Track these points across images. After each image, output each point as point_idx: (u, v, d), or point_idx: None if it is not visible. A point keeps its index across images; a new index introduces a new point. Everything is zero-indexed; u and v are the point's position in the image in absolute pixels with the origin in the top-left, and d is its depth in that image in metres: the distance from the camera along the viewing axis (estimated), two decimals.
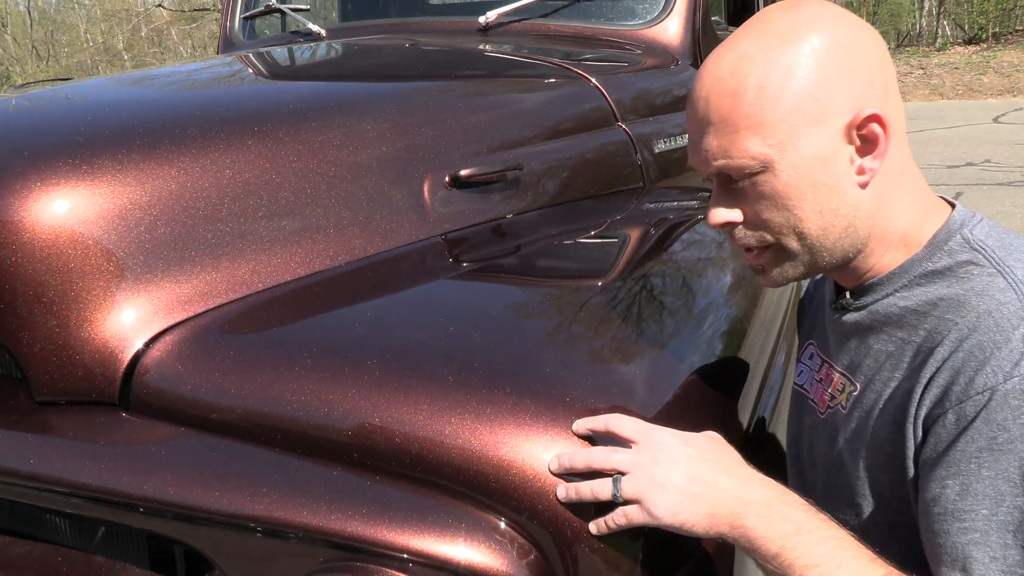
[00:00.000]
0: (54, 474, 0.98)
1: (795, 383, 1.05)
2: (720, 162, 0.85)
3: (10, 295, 1.01)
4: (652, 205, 1.71)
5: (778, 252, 0.89)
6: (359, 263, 1.22)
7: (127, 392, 1.03)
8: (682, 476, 0.80)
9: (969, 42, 14.27)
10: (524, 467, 0.86)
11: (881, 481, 0.86)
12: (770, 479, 0.81)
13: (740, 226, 0.90)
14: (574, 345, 1.09)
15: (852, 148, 0.84)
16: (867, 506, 0.88)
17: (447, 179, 1.36)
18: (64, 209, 1.05)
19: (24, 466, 0.98)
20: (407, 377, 0.94)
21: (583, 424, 0.87)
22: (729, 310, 1.41)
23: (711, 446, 0.84)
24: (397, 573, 0.86)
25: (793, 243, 0.87)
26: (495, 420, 0.89)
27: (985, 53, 13.73)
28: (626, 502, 0.81)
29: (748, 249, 0.92)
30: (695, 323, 1.29)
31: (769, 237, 0.88)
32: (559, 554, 0.86)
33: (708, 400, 1.09)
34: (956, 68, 13.13)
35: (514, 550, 0.85)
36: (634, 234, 1.59)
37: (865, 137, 0.83)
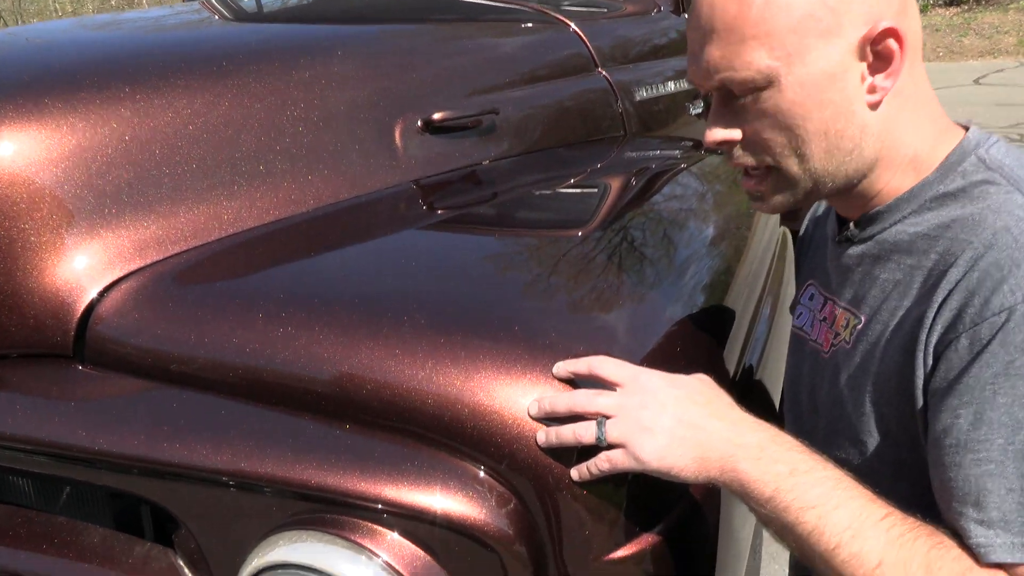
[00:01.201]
0: (6, 430, 0.92)
1: (794, 326, 1.00)
2: (722, 75, 0.79)
3: None
4: (633, 154, 1.66)
5: (778, 175, 0.84)
6: (327, 210, 1.16)
7: (81, 344, 0.97)
8: (670, 419, 0.76)
9: (950, 4, 14.22)
10: (502, 413, 0.82)
11: (887, 416, 0.82)
12: (762, 421, 0.77)
13: (738, 145, 0.84)
14: (553, 294, 1.04)
15: (864, 65, 0.78)
16: (872, 444, 0.84)
17: (420, 123, 1.30)
18: (10, 151, 0.98)
19: None
20: (377, 322, 0.89)
21: (565, 367, 0.82)
22: (712, 262, 1.36)
23: (700, 388, 0.80)
24: (370, 524, 0.82)
25: (794, 166, 0.82)
26: (471, 364, 0.84)
27: (966, 15, 13.69)
28: (610, 447, 0.77)
29: (746, 172, 0.87)
30: (677, 274, 1.24)
31: (769, 159, 0.83)
32: (540, 502, 0.82)
33: (693, 347, 1.05)
34: (937, 31, 13.09)
35: (493, 499, 0.81)
36: (615, 183, 1.54)
37: (879, 53, 0.77)
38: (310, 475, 0.82)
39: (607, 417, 0.77)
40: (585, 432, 0.77)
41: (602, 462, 0.77)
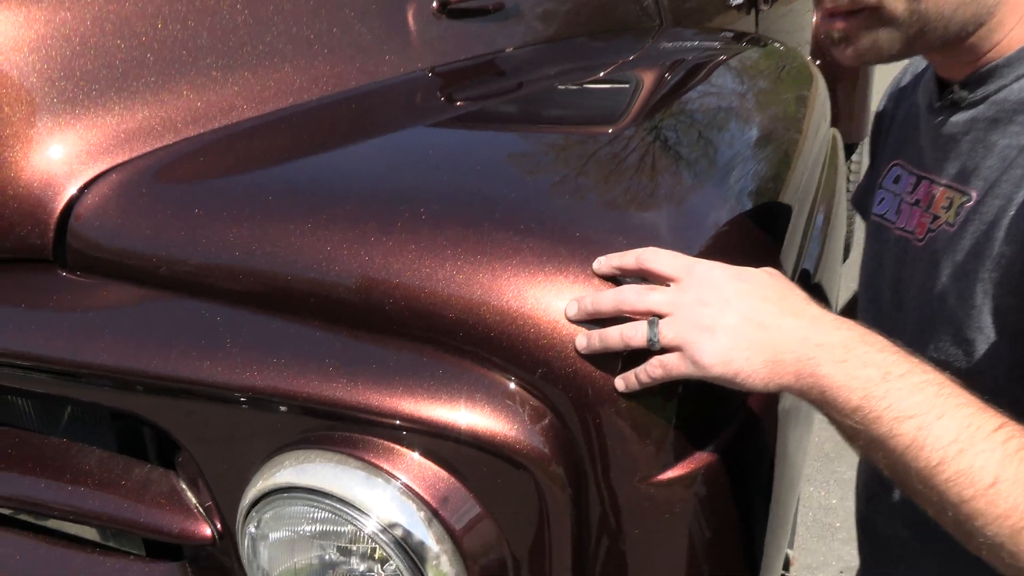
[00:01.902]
0: None
1: (874, 215, 0.87)
2: None
3: None
4: (668, 45, 1.51)
5: (874, 16, 0.70)
6: (331, 99, 1.04)
7: (62, 247, 0.87)
8: (735, 316, 0.64)
9: None
10: (535, 315, 0.71)
11: (1006, 308, 0.70)
12: (845, 319, 0.65)
13: None
14: (585, 193, 0.92)
15: None
16: (982, 342, 0.72)
17: (434, 5, 1.16)
18: None
19: None
20: (390, 217, 0.78)
21: (607, 261, 0.71)
22: (757, 166, 1.23)
23: (769, 281, 0.68)
24: (387, 442, 0.72)
25: (899, 5, 0.68)
26: (497, 261, 0.73)
27: None
28: (664, 350, 0.66)
29: (832, 14, 0.73)
30: (721, 176, 1.12)
31: None
32: (578, 417, 0.71)
33: (747, 246, 0.94)
34: None
35: (525, 413, 0.71)
36: (648, 77, 1.40)
37: None
38: (318, 387, 0.72)
39: (660, 316, 0.67)
40: (634, 333, 0.66)
41: (654, 368, 0.67)
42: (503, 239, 0.75)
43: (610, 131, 1.13)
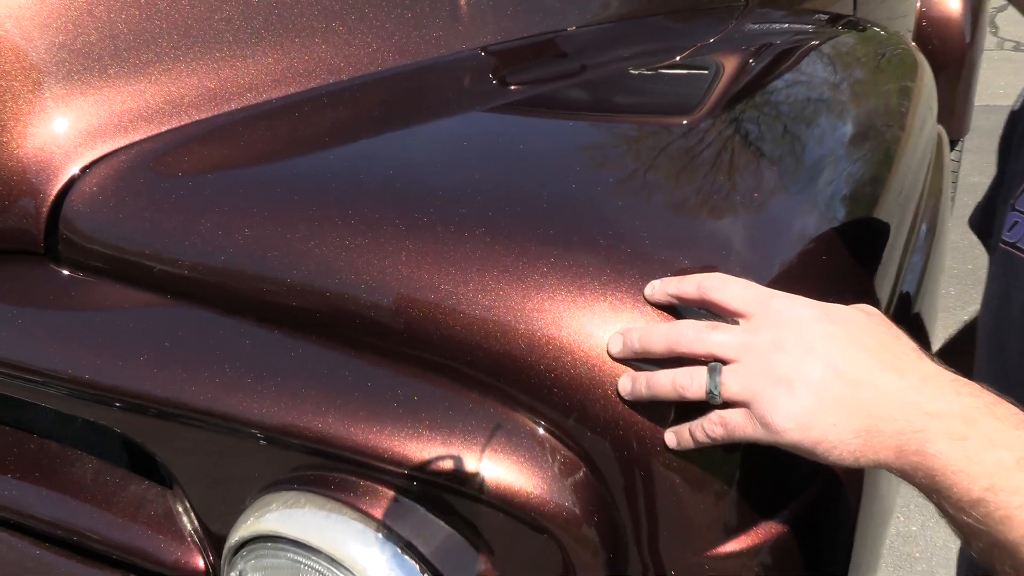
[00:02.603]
0: None
1: (1001, 242, 0.71)
2: None
3: None
4: (755, 27, 1.35)
5: None
6: (366, 80, 0.93)
7: (54, 238, 0.78)
8: (820, 368, 0.51)
9: None
10: (573, 347, 0.59)
11: None
12: (966, 380, 0.51)
13: None
14: (645, 197, 0.78)
15: None
16: None
17: None
18: None
19: None
20: (407, 222, 0.66)
21: (663, 287, 0.58)
22: (852, 167, 1.07)
23: (867, 324, 0.54)
24: (388, 490, 0.61)
25: None
26: (532, 279, 0.61)
27: None
28: (727, 404, 0.53)
29: None
30: (809, 178, 0.96)
31: None
32: (620, 473, 0.59)
33: (836, 268, 0.79)
34: None
35: (555, 465, 0.59)
36: (729, 62, 1.24)
37: None
38: (311, 420, 0.62)
39: (724, 362, 0.53)
40: (690, 382, 0.53)
41: (713, 426, 0.53)
42: (540, 251, 0.62)
43: (684, 123, 0.99)
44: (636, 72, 1.14)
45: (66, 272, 0.78)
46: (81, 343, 0.72)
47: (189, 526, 0.76)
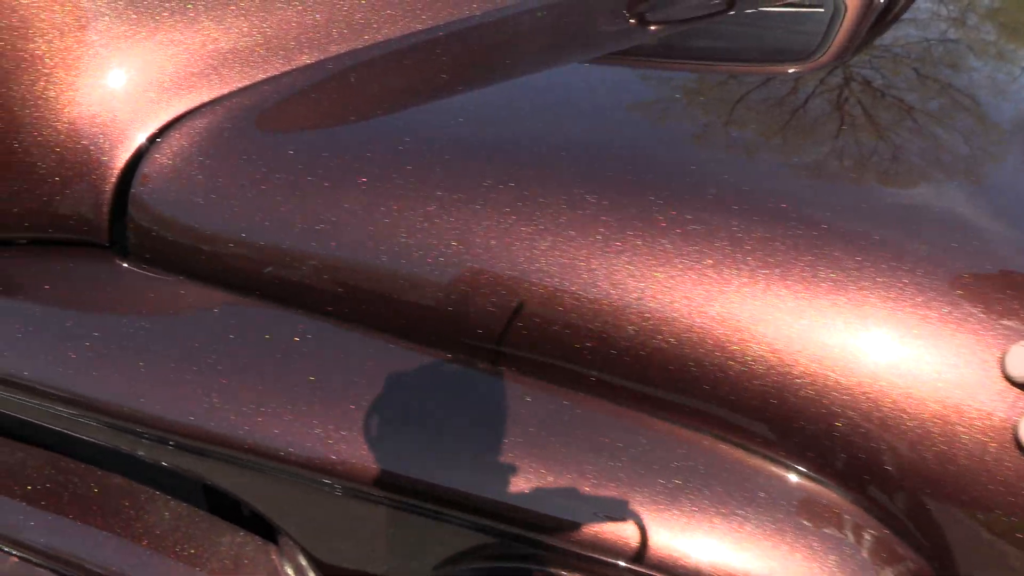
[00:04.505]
0: (10, 373, 0.57)
1: None
2: None
3: None
4: None
5: None
6: (484, 19, 0.73)
7: (121, 227, 0.60)
8: None
9: None
10: (890, 378, 0.39)
11: None
12: None
13: None
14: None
15: None
16: None
17: None
18: None
19: None
20: (606, 207, 0.47)
21: None
22: None
23: None
24: None
25: None
26: (812, 281, 0.41)
27: None
28: None
29: None
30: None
31: None
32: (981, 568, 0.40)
33: None
34: None
35: (863, 551, 0.40)
36: None
37: None
38: (493, 488, 0.43)
39: None
40: None
41: None
42: (825, 243, 0.43)
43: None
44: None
45: (136, 269, 0.60)
46: (151, 367, 0.54)
47: None
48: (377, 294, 0.52)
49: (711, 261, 0.44)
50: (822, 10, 1.00)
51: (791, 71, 0.75)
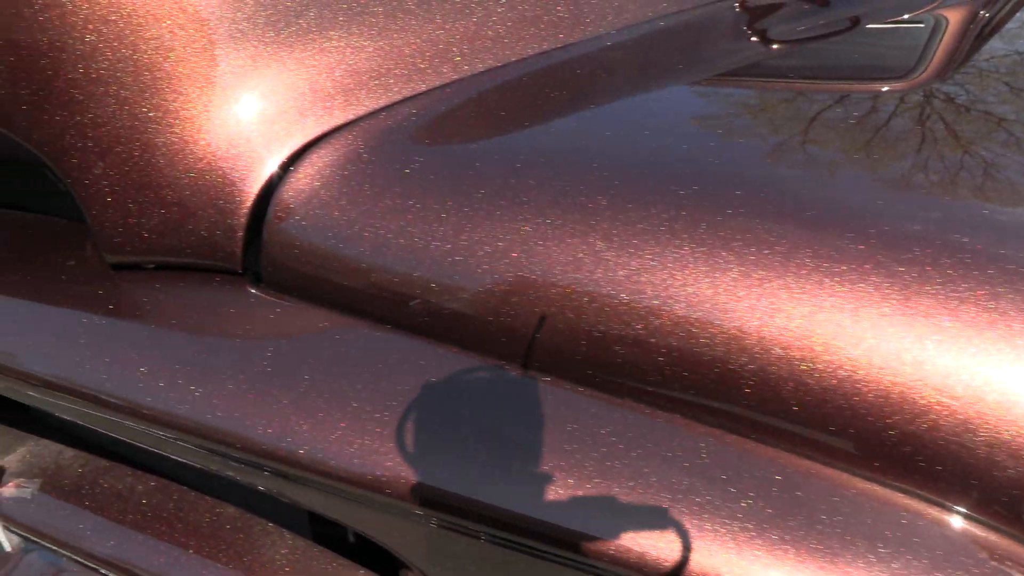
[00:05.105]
0: (122, 395, 0.55)
1: None
2: None
3: (58, 89, 0.55)
4: None
5: None
6: (618, 37, 0.70)
7: (255, 252, 0.58)
8: None
9: None
10: None
11: None
12: None
13: None
14: None
15: None
16: None
17: None
18: None
19: (80, 380, 0.55)
20: (809, 234, 0.44)
21: None
22: None
23: None
24: None
25: None
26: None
27: None
28: None
29: None
30: None
31: None
32: None
33: None
34: None
35: None
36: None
37: None
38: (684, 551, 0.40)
39: None
40: None
41: None
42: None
43: None
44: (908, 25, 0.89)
45: (269, 296, 0.57)
46: (286, 401, 0.51)
47: None
48: (533, 333, 0.49)
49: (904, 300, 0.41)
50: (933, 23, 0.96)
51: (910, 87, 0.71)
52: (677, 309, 0.45)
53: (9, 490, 0.73)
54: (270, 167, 0.57)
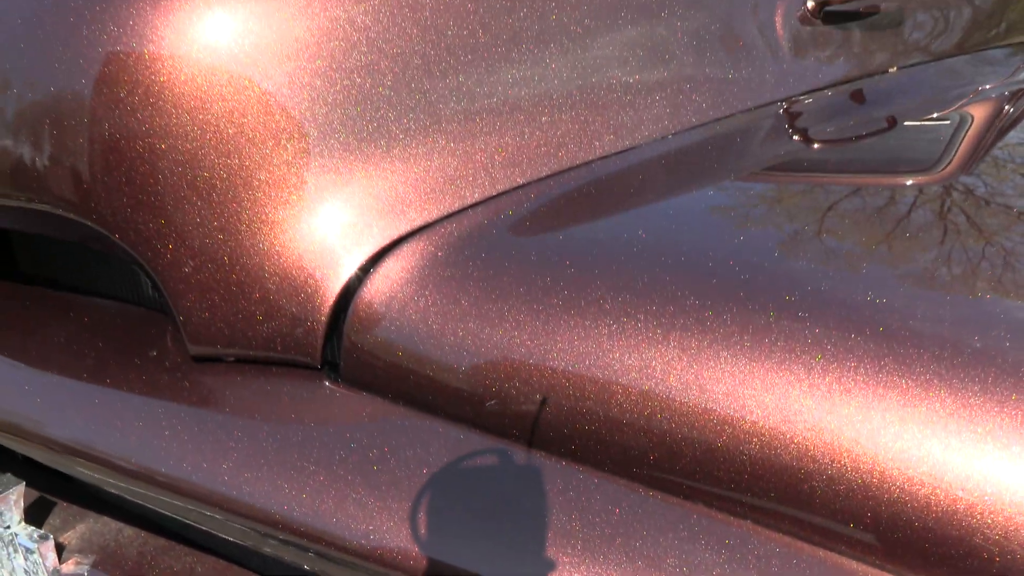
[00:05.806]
0: (203, 486, 0.57)
1: None
2: None
3: (151, 189, 0.58)
4: None
5: None
6: (696, 137, 0.73)
7: (335, 347, 0.60)
8: None
9: None
10: None
11: None
12: None
13: None
14: None
15: None
16: None
17: (810, 5, 0.83)
18: (219, 39, 0.60)
19: (160, 469, 0.57)
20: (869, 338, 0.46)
21: None
22: None
23: None
24: None
25: None
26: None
27: None
28: None
29: None
30: None
31: None
32: None
33: None
34: None
35: None
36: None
37: None
38: None
39: None
40: None
41: None
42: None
43: None
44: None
45: (347, 391, 0.59)
46: (362, 506, 0.53)
47: None
48: (611, 438, 0.51)
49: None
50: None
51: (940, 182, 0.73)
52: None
53: (68, 567, 0.74)
54: (349, 269, 0.60)
